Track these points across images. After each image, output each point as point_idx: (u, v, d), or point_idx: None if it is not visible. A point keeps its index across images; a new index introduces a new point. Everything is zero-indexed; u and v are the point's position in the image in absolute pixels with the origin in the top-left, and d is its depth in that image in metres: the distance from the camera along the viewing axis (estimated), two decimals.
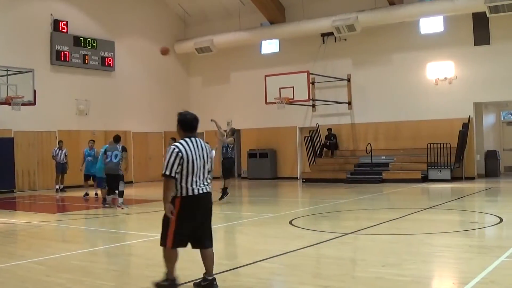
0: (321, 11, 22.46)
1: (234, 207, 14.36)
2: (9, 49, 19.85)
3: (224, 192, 14.52)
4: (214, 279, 5.69)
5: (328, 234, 9.09)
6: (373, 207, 13.82)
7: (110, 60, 23.71)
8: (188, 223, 5.55)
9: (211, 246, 5.75)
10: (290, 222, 10.51)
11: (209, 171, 5.76)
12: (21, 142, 20.43)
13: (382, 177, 20.28)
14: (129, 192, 18.75)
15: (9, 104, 17.33)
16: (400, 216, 10.94)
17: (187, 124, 5.68)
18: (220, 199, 14.30)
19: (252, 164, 24.80)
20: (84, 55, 22.71)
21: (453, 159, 19.83)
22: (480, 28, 20.35)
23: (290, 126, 24.37)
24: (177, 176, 5.47)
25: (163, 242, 5.60)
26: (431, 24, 21.48)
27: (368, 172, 20.98)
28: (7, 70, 17.59)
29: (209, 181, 5.72)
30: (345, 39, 22.95)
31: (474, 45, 20.56)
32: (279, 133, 24.51)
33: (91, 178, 16.99)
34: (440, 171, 19.94)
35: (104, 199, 14.30)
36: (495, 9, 18.53)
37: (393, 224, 10.12)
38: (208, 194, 5.70)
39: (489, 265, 6.27)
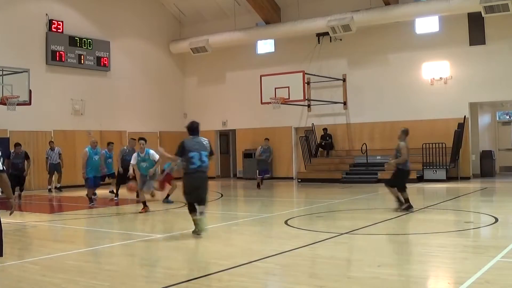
0: (317, 11, 22.47)
1: (230, 207, 14.35)
2: (5, 49, 19.78)
3: (408, 204, 12.24)
4: None
5: (324, 234, 9.09)
6: (368, 207, 13.84)
7: (105, 60, 23.66)
8: None
9: None
10: (286, 222, 10.50)
11: None
12: (16, 142, 20.31)
13: (377, 177, 20.27)
14: (124, 192, 18.66)
15: (5, 104, 17.29)
16: (395, 216, 10.97)
17: None
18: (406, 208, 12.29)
19: (247, 164, 24.79)
20: (80, 55, 22.65)
21: (448, 159, 19.86)
22: (476, 28, 20.41)
23: (285, 126, 24.36)
24: None
25: None
26: (427, 24, 21.52)
27: (364, 172, 20.98)
28: (2, 70, 17.50)
29: None
30: (341, 39, 22.96)
31: (470, 45, 20.62)
32: (274, 133, 24.47)
33: (107, 177, 16.63)
34: (436, 171, 19.97)
35: (91, 199, 14.62)
36: (490, 9, 18.56)
37: (389, 224, 10.14)
38: None
39: (484, 265, 6.28)
